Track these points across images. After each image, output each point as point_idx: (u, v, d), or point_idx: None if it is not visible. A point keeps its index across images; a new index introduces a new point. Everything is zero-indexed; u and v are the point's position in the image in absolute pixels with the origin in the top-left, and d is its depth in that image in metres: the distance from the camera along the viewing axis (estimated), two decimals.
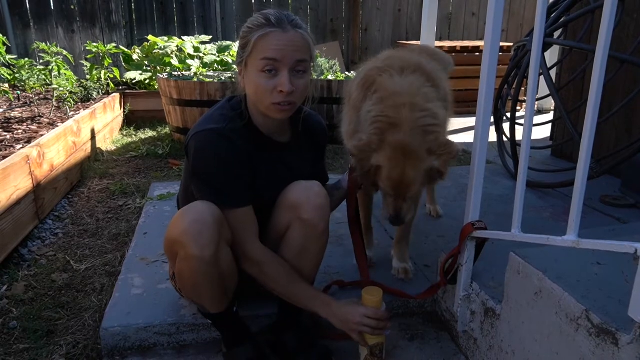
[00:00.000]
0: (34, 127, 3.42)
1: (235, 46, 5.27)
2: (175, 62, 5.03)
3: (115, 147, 4.19)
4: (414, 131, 1.49)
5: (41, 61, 4.15)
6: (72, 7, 6.12)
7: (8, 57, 3.64)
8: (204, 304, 1.48)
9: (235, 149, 1.43)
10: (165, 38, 5.38)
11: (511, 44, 4.60)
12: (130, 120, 4.96)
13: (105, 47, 4.96)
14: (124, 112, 4.95)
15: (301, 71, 1.43)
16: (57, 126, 3.33)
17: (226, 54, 5.26)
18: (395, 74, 1.62)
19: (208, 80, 4.04)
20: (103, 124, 4.17)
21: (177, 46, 5.20)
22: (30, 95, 4.48)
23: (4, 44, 3.52)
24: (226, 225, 1.39)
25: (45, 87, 4.29)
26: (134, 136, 4.56)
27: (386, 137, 1.49)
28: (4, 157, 2.50)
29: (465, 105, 4.78)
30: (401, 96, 1.54)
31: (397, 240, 2.00)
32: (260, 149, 1.51)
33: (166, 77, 4.20)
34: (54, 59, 3.92)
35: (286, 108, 1.44)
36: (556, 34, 3.01)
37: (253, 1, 6.59)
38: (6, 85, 4.34)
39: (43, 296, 1.99)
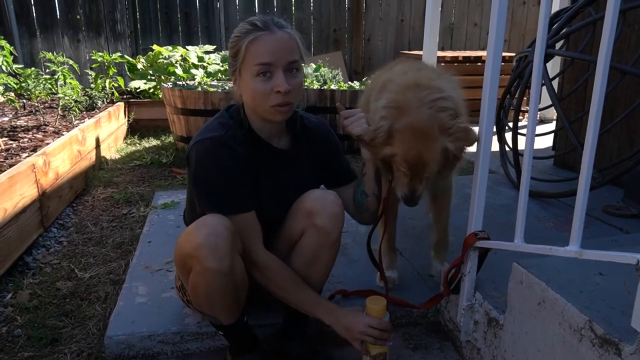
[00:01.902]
0: (39, 136, 3.44)
1: None
2: (179, 71, 5.07)
3: (119, 156, 4.21)
4: (421, 109, 1.47)
5: (47, 70, 4.20)
6: (78, 17, 6.19)
7: (14, 66, 3.69)
8: (218, 316, 1.48)
9: (235, 155, 1.45)
10: (170, 47, 5.43)
11: (513, 54, 4.63)
12: (135, 129, 4.99)
13: (110, 57, 5.00)
14: (128, 120, 4.98)
15: (294, 69, 1.45)
16: (63, 135, 3.36)
17: None
18: (410, 71, 1.65)
19: (212, 89, 4.07)
20: (107, 132, 4.20)
21: (182, 56, 5.25)
22: (36, 104, 4.51)
23: (11, 53, 3.56)
24: (237, 235, 1.40)
25: (51, 95, 4.33)
26: (138, 145, 4.59)
27: (395, 124, 1.48)
28: (11, 166, 2.52)
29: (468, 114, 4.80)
30: (407, 80, 1.57)
31: (437, 243, 2.02)
32: (260, 155, 1.53)
33: (170, 86, 4.24)
34: (60, 68, 3.96)
35: (285, 109, 1.45)
36: (558, 45, 3.03)
37: (256, 11, 6.65)
38: (12, 93, 4.38)
39: (47, 304, 2.00)
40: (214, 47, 5.75)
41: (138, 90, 5.19)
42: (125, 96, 5.26)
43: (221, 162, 1.43)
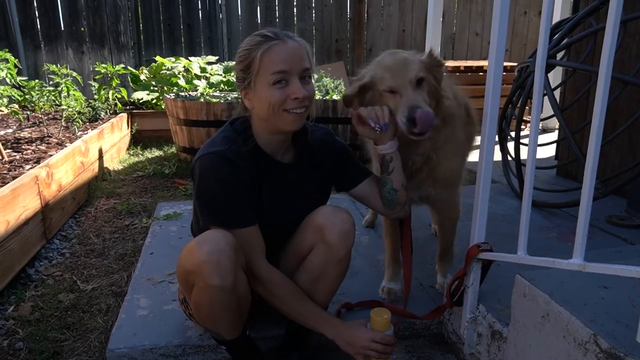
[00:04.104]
0: (42, 147, 3.46)
1: None
2: (182, 82, 5.10)
3: (122, 167, 4.22)
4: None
5: (51, 82, 4.22)
6: (82, 29, 6.24)
7: (19, 78, 3.71)
8: (221, 331, 1.47)
9: (238, 170, 1.45)
10: (173, 59, 5.46)
11: (514, 64, 4.64)
12: (137, 140, 5.01)
13: (114, 68, 5.04)
14: (131, 131, 5.00)
15: (307, 77, 1.46)
16: (66, 146, 3.37)
17: (232, 74, 5.33)
18: None
19: (214, 100, 4.09)
20: (110, 143, 4.21)
21: (184, 67, 5.28)
22: (40, 116, 4.54)
23: (15, 65, 3.59)
24: (240, 250, 1.40)
25: (55, 107, 4.36)
26: (140, 155, 4.60)
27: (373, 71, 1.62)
28: (14, 178, 2.53)
29: None
30: None
31: (439, 256, 2.02)
32: (264, 169, 1.53)
33: (173, 97, 4.26)
34: (64, 80, 3.99)
35: (299, 116, 1.46)
36: (559, 56, 3.04)
37: (259, 22, 6.70)
38: (16, 105, 4.40)
39: (49, 317, 1.99)
40: (217, 57, 5.79)
41: (141, 101, 5.22)
42: (128, 107, 5.29)
43: (223, 177, 1.43)
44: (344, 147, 1.72)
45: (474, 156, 1.66)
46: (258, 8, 6.65)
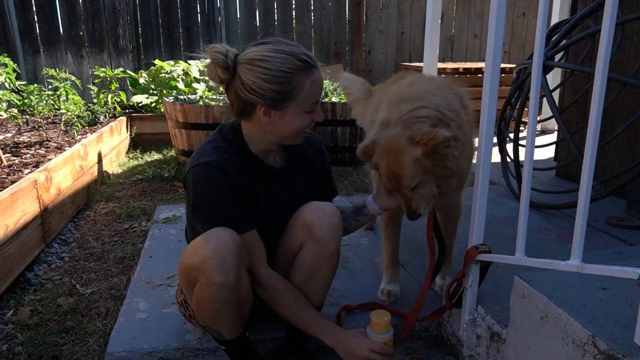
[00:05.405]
0: (41, 152, 3.46)
1: None
2: (181, 85, 5.10)
3: (121, 170, 4.22)
4: (397, 125, 1.49)
5: (50, 87, 4.23)
6: (81, 33, 6.24)
7: (18, 83, 3.72)
8: (222, 330, 1.48)
9: (231, 178, 1.45)
10: (172, 62, 5.46)
11: (513, 66, 4.64)
12: (137, 143, 5.01)
13: (113, 72, 5.04)
14: (130, 135, 5.00)
15: None
16: (65, 150, 3.37)
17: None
18: (404, 86, 1.69)
19: (213, 103, 4.09)
20: (110, 147, 4.21)
21: (183, 70, 5.28)
22: (39, 120, 4.54)
23: (14, 70, 3.59)
24: (244, 250, 1.41)
25: (54, 111, 4.36)
26: (140, 159, 4.61)
27: (378, 137, 1.55)
28: (13, 182, 2.53)
29: None
30: (404, 92, 1.61)
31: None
32: (257, 174, 1.53)
33: (172, 100, 4.26)
34: (63, 84, 3.99)
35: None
36: (558, 57, 3.04)
37: (257, 25, 6.71)
38: (15, 110, 4.41)
39: (48, 321, 1.99)
40: None
41: (140, 105, 5.21)
42: (127, 111, 5.29)
43: (217, 186, 1.44)
44: (328, 160, 1.78)
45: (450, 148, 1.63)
46: (257, 11, 6.65)
